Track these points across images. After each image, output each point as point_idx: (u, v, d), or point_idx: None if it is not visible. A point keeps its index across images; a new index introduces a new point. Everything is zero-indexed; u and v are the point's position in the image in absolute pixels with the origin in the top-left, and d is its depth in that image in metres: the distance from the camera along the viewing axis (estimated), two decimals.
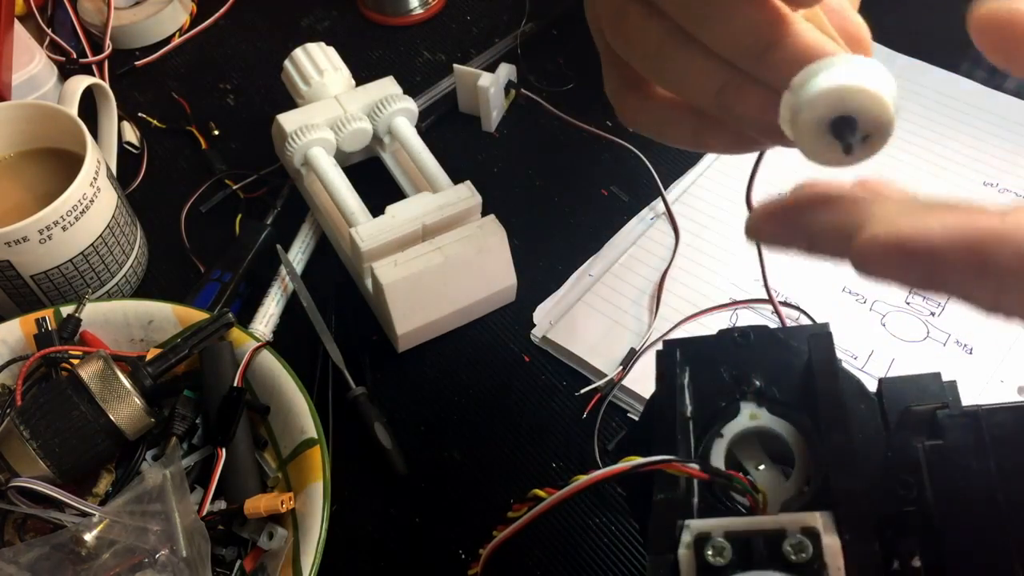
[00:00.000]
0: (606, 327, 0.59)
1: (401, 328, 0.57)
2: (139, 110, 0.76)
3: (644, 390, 0.56)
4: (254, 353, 0.54)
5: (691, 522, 0.30)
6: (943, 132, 0.68)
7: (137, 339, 0.56)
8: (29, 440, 0.48)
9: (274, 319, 0.61)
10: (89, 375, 0.49)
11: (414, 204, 0.58)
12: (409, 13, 0.81)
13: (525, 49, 0.76)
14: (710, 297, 0.60)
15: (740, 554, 0.29)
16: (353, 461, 0.56)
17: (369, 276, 0.57)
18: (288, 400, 0.52)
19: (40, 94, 0.73)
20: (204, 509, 0.49)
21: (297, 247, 0.65)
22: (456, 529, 0.53)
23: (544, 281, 0.63)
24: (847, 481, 0.31)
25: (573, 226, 0.66)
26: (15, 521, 0.49)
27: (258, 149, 0.71)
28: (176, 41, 0.81)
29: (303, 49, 0.68)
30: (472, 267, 0.58)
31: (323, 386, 0.58)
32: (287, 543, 0.48)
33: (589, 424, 0.56)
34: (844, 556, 0.29)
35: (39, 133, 0.62)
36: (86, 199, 0.57)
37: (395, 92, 0.66)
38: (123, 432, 0.49)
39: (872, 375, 0.55)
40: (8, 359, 0.54)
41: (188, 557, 0.46)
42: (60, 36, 0.80)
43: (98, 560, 0.46)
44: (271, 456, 0.53)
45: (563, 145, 0.71)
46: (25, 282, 0.58)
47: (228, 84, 0.78)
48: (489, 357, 0.60)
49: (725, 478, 0.32)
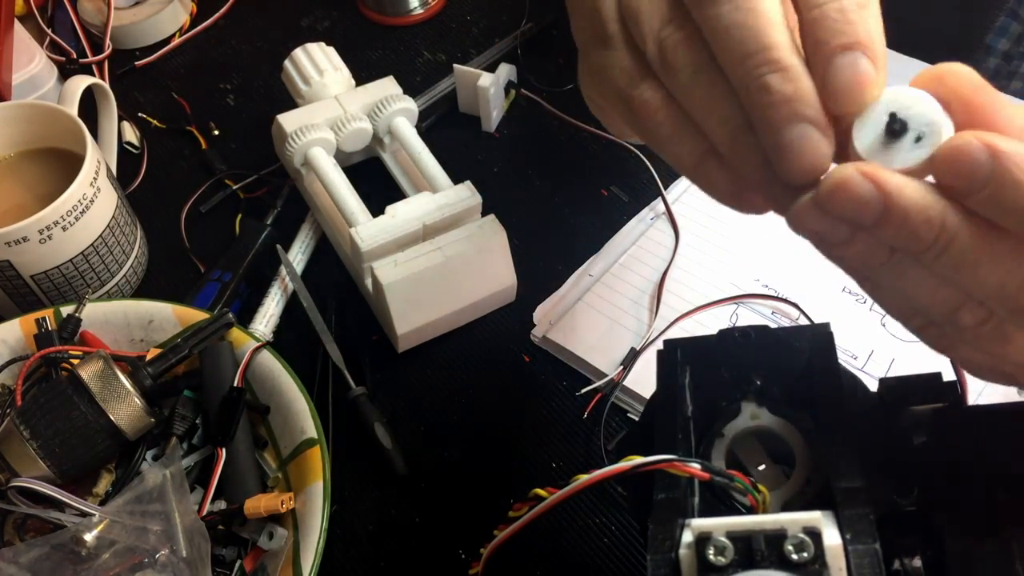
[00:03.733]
0: (606, 327, 0.59)
1: (401, 328, 0.57)
2: (139, 110, 0.76)
3: (644, 390, 0.56)
4: (254, 353, 0.54)
5: (692, 521, 0.30)
6: None
7: (137, 339, 0.56)
8: (29, 440, 0.48)
9: (274, 319, 0.61)
10: (89, 375, 0.49)
11: (414, 204, 0.58)
12: (409, 13, 0.82)
13: (525, 49, 0.76)
14: (710, 297, 0.60)
15: (741, 553, 0.29)
16: (353, 461, 0.56)
17: (369, 276, 0.57)
18: (288, 400, 0.52)
19: (40, 94, 0.73)
20: (204, 509, 0.49)
21: (297, 247, 0.65)
22: (456, 529, 0.53)
23: (544, 281, 0.63)
24: (848, 481, 0.31)
25: (573, 226, 0.66)
26: (15, 521, 0.49)
27: (258, 149, 0.71)
28: (176, 41, 0.81)
29: (303, 49, 0.68)
30: (472, 267, 0.58)
31: (323, 386, 0.58)
32: (287, 543, 0.48)
33: (589, 424, 0.56)
34: (845, 555, 0.29)
35: (39, 133, 0.62)
36: (86, 199, 0.57)
37: (395, 92, 0.66)
38: (123, 432, 0.49)
39: (872, 375, 0.55)
40: (8, 359, 0.54)
41: (188, 557, 0.46)
42: (60, 36, 0.80)
43: (98, 560, 0.46)
44: (271, 456, 0.53)
45: (563, 145, 0.71)
46: (25, 282, 0.58)
47: (228, 84, 0.78)
48: (489, 357, 0.60)
49: (726, 477, 0.32)
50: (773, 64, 0.29)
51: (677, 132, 0.33)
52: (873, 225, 0.28)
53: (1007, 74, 0.72)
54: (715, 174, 0.33)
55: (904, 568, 0.33)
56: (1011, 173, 0.26)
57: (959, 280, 0.29)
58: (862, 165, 0.28)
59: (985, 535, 0.31)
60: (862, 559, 0.29)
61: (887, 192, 0.28)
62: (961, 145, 0.27)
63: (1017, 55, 0.71)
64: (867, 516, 0.30)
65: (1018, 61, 0.72)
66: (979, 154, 0.27)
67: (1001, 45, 0.72)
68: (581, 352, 0.58)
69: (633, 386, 0.56)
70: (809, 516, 0.29)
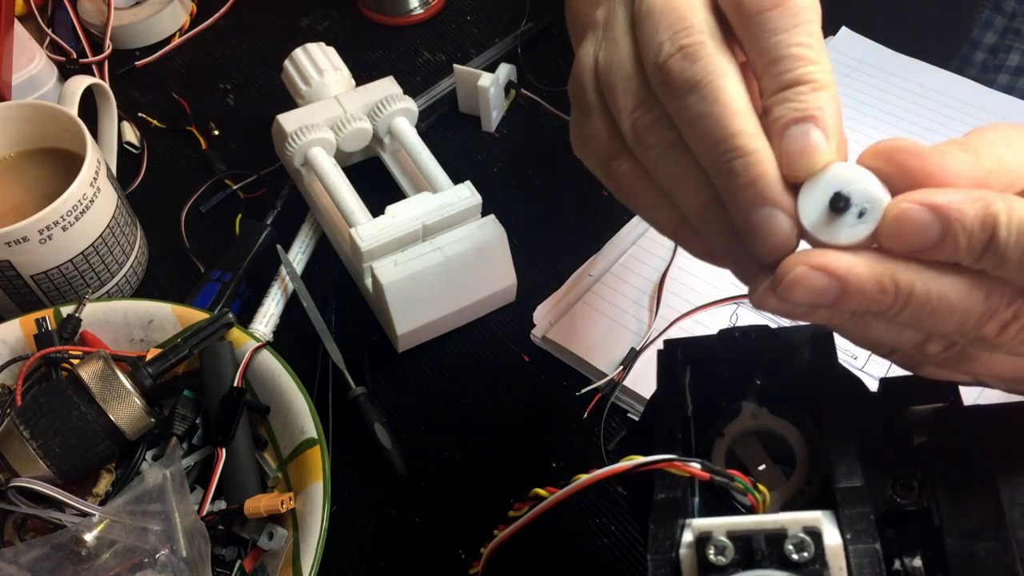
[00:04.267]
0: (606, 327, 0.59)
1: (401, 328, 0.57)
2: (139, 110, 0.76)
3: (644, 390, 0.56)
4: (254, 353, 0.54)
5: (693, 521, 0.30)
6: (933, 128, 0.68)
7: (137, 339, 0.56)
8: (29, 440, 0.48)
9: (274, 319, 0.61)
10: (89, 375, 0.49)
11: (414, 204, 0.58)
12: (409, 13, 0.82)
13: (525, 49, 0.76)
14: (710, 297, 0.60)
15: (742, 553, 0.29)
16: (353, 461, 0.56)
17: (369, 276, 0.57)
18: (288, 400, 0.52)
19: (40, 94, 0.73)
20: (204, 509, 0.49)
21: (297, 247, 0.65)
22: (456, 529, 0.53)
23: (544, 281, 0.63)
24: (848, 480, 0.31)
25: (573, 226, 0.66)
26: (15, 521, 0.49)
27: (258, 149, 0.71)
28: (176, 41, 0.81)
29: (303, 49, 0.68)
30: (472, 267, 0.58)
31: (323, 386, 0.58)
32: (287, 543, 0.48)
33: (589, 424, 0.56)
34: (846, 555, 0.29)
35: (39, 133, 0.62)
36: (86, 199, 0.57)
37: (395, 92, 0.66)
38: (123, 432, 0.49)
39: (872, 375, 0.55)
40: (8, 359, 0.54)
41: (188, 557, 0.46)
42: (60, 36, 0.80)
43: (98, 560, 0.46)
44: (271, 456, 0.53)
45: (563, 145, 0.71)
46: (25, 282, 0.58)
47: (228, 84, 0.78)
48: (489, 357, 0.60)
49: (726, 477, 0.32)
50: (738, 151, 0.31)
51: (654, 203, 0.35)
52: (832, 304, 0.30)
53: (994, 68, 0.72)
54: (692, 242, 0.34)
55: (904, 568, 0.33)
56: (961, 221, 0.28)
57: (921, 327, 0.30)
58: (811, 256, 0.30)
59: (985, 535, 0.31)
60: (862, 559, 0.29)
61: (840, 276, 0.29)
62: (903, 211, 0.28)
63: (1003, 48, 0.72)
64: (867, 516, 0.30)
65: (1004, 55, 0.72)
66: (922, 215, 0.28)
67: (987, 39, 0.72)
68: (581, 352, 0.58)
69: (633, 386, 0.56)
70: (809, 516, 0.29)
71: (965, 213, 0.28)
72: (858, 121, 0.68)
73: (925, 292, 0.29)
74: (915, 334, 0.31)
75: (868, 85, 0.70)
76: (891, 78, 0.71)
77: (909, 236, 0.29)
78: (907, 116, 0.68)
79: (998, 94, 0.69)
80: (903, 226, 0.29)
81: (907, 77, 0.71)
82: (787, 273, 0.29)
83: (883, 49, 0.73)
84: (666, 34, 0.32)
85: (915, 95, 0.70)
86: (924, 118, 0.68)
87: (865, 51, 0.73)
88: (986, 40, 0.72)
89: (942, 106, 0.69)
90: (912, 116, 0.68)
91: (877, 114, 0.68)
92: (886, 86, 0.70)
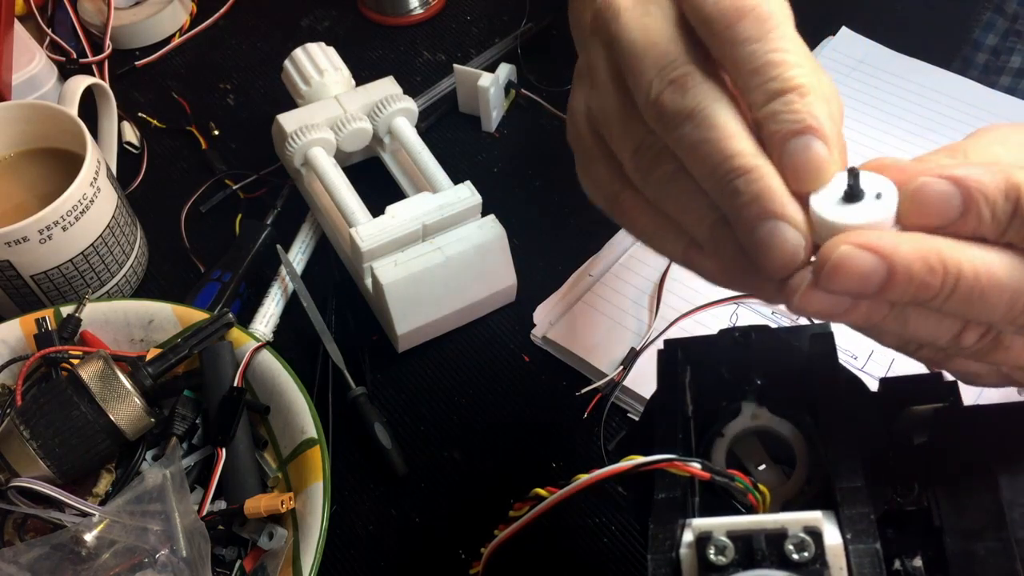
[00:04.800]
0: (606, 327, 0.59)
1: (401, 328, 0.57)
2: (139, 110, 0.76)
3: (644, 390, 0.56)
4: (254, 353, 0.54)
5: (693, 521, 0.30)
6: (934, 128, 0.68)
7: (137, 339, 0.56)
8: (29, 440, 0.48)
9: (274, 319, 0.61)
10: (89, 375, 0.49)
11: (414, 204, 0.58)
12: (409, 13, 0.82)
13: (525, 49, 0.76)
14: (710, 297, 0.60)
15: (742, 553, 0.29)
16: (353, 461, 0.56)
17: (369, 276, 0.57)
18: (288, 400, 0.52)
19: (40, 94, 0.73)
20: (204, 509, 0.49)
21: (297, 247, 0.65)
22: (456, 529, 0.53)
23: (544, 281, 0.63)
24: (848, 480, 0.31)
25: (573, 226, 0.66)
26: (15, 521, 0.49)
27: (258, 149, 0.71)
28: (176, 41, 0.81)
29: (303, 49, 0.68)
30: (472, 267, 0.58)
31: (323, 386, 0.58)
32: (287, 543, 0.48)
33: (589, 424, 0.56)
34: (846, 555, 0.29)
35: (39, 133, 0.62)
36: (86, 199, 0.57)
37: (395, 92, 0.66)
38: (123, 432, 0.49)
39: (872, 375, 0.55)
40: (8, 359, 0.54)
41: (188, 557, 0.46)
42: (60, 36, 0.80)
43: (98, 560, 0.46)
44: (271, 456, 0.53)
45: (563, 145, 0.71)
46: (25, 282, 0.58)
47: (228, 84, 0.78)
48: (489, 357, 0.60)
49: (726, 477, 0.32)
50: (739, 170, 0.30)
51: (660, 231, 0.35)
52: (879, 290, 0.28)
53: (996, 69, 0.72)
54: (702, 264, 0.34)
55: (904, 568, 0.33)
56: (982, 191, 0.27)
57: (968, 313, 0.29)
58: (852, 235, 0.28)
59: (985, 535, 0.31)
60: (862, 559, 0.29)
61: (886, 254, 0.28)
62: (923, 183, 0.28)
63: (1004, 50, 0.72)
64: (867, 516, 0.30)
65: (1006, 56, 0.72)
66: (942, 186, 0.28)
67: (988, 40, 0.72)
68: (581, 352, 0.58)
69: (633, 386, 0.56)
70: (810, 516, 0.29)
71: (986, 184, 0.27)
72: (858, 121, 0.68)
73: (973, 271, 0.28)
74: (954, 324, 0.30)
75: (868, 85, 0.70)
76: (891, 78, 0.71)
77: (931, 208, 0.28)
78: (907, 116, 0.68)
79: (1000, 95, 0.69)
80: (924, 198, 0.28)
81: (908, 77, 0.71)
82: (829, 256, 0.28)
83: (883, 49, 0.73)
84: (652, 71, 0.33)
85: (916, 95, 0.70)
86: (925, 118, 0.68)
87: (865, 51, 0.73)
88: (988, 42, 0.72)
89: (943, 106, 0.69)
90: (913, 116, 0.68)
91: (877, 114, 0.68)
92: (886, 86, 0.70)
